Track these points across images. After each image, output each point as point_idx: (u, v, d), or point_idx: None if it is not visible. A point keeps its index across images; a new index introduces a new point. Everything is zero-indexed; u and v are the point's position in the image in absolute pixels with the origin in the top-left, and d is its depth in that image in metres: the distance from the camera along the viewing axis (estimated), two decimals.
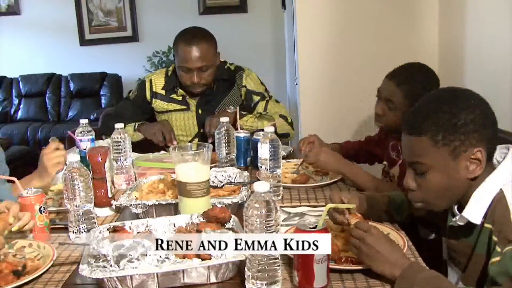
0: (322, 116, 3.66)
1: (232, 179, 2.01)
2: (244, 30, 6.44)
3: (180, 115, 2.84)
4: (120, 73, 6.79)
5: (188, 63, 2.64)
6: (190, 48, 2.64)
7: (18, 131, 6.32)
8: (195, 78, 2.67)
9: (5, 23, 6.81)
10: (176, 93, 2.82)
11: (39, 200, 1.67)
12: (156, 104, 2.86)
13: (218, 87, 2.81)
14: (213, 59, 2.71)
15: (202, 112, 2.81)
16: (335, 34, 3.55)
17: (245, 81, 2.83)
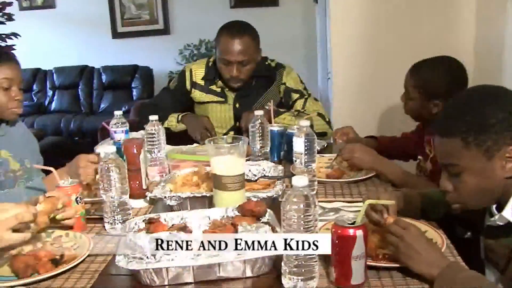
0: (355, 111, 3.62)
1: (266, 173, 2.00)
2: (275, 23, 6.39)
3: (217, 107, 2.83)
4: (151, 65, 6.82)
5: (229, 55, 2.64)
6: (232, 40, 2.63)
7: (52, 122, 6.41)
8: (235, 71, 2.66)
9: (40, 17, 6.90)
10: (216, 84, 2.81)
11: (76, 190, 1.68)
12: (195, 94, 2.86)
13: (257, 83, 2.80)
14: (254, 54, 2.70)
15: (239, 106, 2.80)
16: (369, 28, 3.50)
17: (285, 79, 2.81)
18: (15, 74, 2.10)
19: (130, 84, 6.80)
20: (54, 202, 1.53)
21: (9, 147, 2.16)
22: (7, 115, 2.14)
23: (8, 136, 2.19)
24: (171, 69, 6.62)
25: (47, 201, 1.51)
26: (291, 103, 2.80)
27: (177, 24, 6.85)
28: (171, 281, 1.32)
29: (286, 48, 6.17)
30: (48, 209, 1.49)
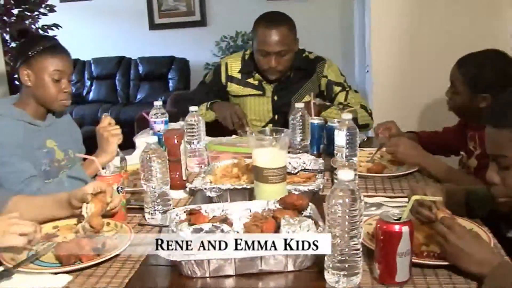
0: (394, 104, 3.57)
1: (306, 166, 1.98)
2: (312, 15, 6.35)
3: (255, 99, 2.81)
4: (188, 57, 6.84)
5: (267, 46, 2.61)
6: (270, 31, 2.61)
7: (90, 112, 6.48)
8: (273, 62, 2.64)
9: (80, 8, 6.98)
10: (253, 77, 2.79)
11: (117, 180, 1.69)
12: (231, 88, 2.84)
13: (295, 75, 2.77)
14: (292, 45, 2.67)
15: (277, 99, 2.78)
16: (410, 20, 3.45)
17: (326, 72, 2.77)
18: (66, 67, 2.14)
19: (167, 75, 6.84)
20: (103, 200, 1.54)
21: (54, 136, 2.19)
22: (56, 107, 2.17)
23: (54, 126, 2.22)
24: (207, 61, 6.63)
25: (96, 201, 1.53)
26: (333, 96, 2.76)
27: (213, 16, 6.85)
28: (212, 273, 1.31)
29: (322, 41, 6.10)
30: (99, 209, 1.52)
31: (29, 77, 2.11)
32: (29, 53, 2.11)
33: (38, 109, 2.17)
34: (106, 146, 2.04)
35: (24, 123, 2.10)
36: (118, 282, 1.32)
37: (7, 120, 2.07)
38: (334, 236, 1.21)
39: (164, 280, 1.39)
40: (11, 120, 2.08)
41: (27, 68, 2.11)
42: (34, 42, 2.15)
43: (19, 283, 1.32)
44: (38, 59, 2.10)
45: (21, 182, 1.96)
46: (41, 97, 2.13)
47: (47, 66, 2.10)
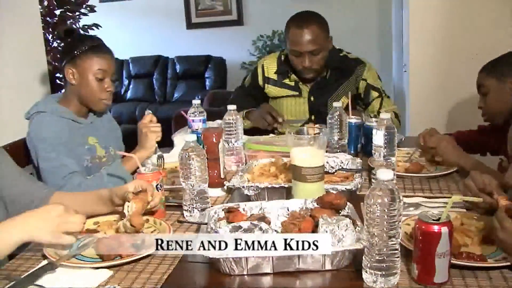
0: (432, 104, 3.53)
1: (344, 165, 1.97)
2: (348, 14, 6.31)
3: (291, 100, 2.82)
4: (224, 56, 6.88)
5: (299, 46, 2.61)
6: (301, 31, 2.61)
7: (127, 110, 6.58)
8: (307, 62, 2.64)
9: (117, 8, 7.09)
10: (289, 78, 2.80)
11: (156, 177, 1.72)
12: (269, 90, 2.86)
13: (332, 75, 2.76)
14: (324, 43, 2.66)
15: (314, 99, 2.78)
16: (448, 19, 3.40)
17: (366, 75, 2.76)
18: (110, 66, 2.19)
19: (203, 74, 6.89)
20: (144, 199, 1.57)
21: (95, 134, 2.25)
22: (97, 106, 2.22)
23: (95, 124, 2.28)
24: (244, 60, 6.66)
25: (138, 200, 1.55)
26: (370, 101, 2.76)
27: (250, 15, 6.87)
28: (250, 271, 1.32)
29: (359, 40, 6.08)
30: (140, 208, 1.54)
31: (73, 76, 2.17)
32: (74, 52, 2.16)
33: (81, 107, 2.22)
34: (144, 141, 2.09)
35: (67, 120, 2.16)
36: (157, 278, 1.34)
37: (51, 117, 2.12)
38: (372, 236, 1.20)
39: (202, 277, 1.40)
40: (55, 117, 2.13)
41: (72, 66, 2.16)
42: (79, 42, 2.20)
43: (62, 277, 1.35)
44: (83, 58, 2.15)
45: (63, 178, 2.01)
46: (84, 95, 2.18)
47: (92, 65, 2.15)
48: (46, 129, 2.10)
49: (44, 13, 3.93)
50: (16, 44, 3.05)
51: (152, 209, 1.65)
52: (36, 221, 1.39)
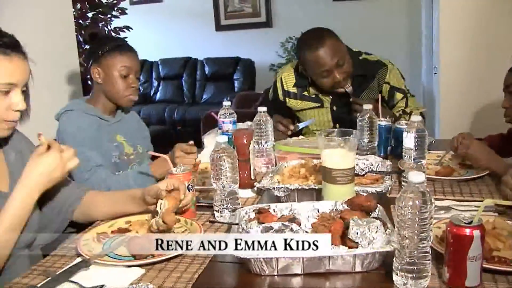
0: (463, 107, 3.51)
1: (374, 168, 1.97)
2: (377, 16, 6.28)
3: (314, 112, 2.79)
4: (253, 58, 6.90)
5: (324, 66, 2.54)
6: (318, 52, 2.53)
7: (156, 111, 6.64)
8: (338, 75, 2.56)
9: (148, 10, 7.17)
10: (308, 91, 2.77)
11: (188, 178, 1.74)
12: (290, 103, 2.83)
13: (353, 82, 2.68)
14: (342, 50, 2.59)
15: (336, 109, 2.76)
16: (480, 21, 3.37)
17: (389, 78, 2.71)
18: (133, 63, 2.25)
19: (232, 76, 6.92)
20: (177, 197, 1.59)
21: (123, 132, 2.30)
22: (123, 102, 2.28)
23: (122, 122, 2.33)
24: (272, 62, 6.67)
25: (171, 198, 1.57)
26: (395, 103, 2.73)
27: (279, 17, 6.88)
28: (280, 271, 1.32)
29: (387, 41, 6.05)
30: (173, 206, 1.56)
31: (99, 75, 2.24)
32: (99, 52, 2.24)
33: (108, 105, 2.28)
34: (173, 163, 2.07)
35: (94, 117, 2.22)
36: (188, 278, 1.35)
37: (78, 114, 2.20)
38: (403, 238, 1.20)
39: (232, 277, 1.41)
40: (82, 114, 2.20)
41: (97, 66, 2.23)
42: (103, 42, 2.29)
43: (95, 274, 1.37)
44: (107, 57, 2.23)
45: (88, 171, 2.06)
46: (110, 92, 2.24)
47: (115, 63, 2.22)
48: (72, 124, 2.17)
49: (77, 16, 4.00)
50: (50, 46, 3.11)
51: (183, 208, 1.67)
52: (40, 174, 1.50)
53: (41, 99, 2.92)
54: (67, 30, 3.34)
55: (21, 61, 1.52)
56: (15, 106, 1.52)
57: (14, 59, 1.50)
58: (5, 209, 1.45)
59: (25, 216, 1.48)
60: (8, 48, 1.49)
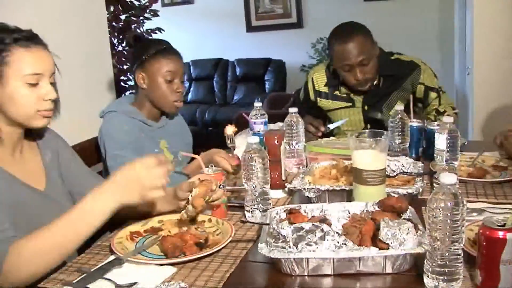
0: (497, 108, 3.45)
1: (405, 169, 1.95)
2: (409, 15, 6.22)
3: (345, 111, 2.79)
4: (284, 59, 6.91)
5: (348, 60, 2.54)
6: (346, 45, 2.53)
7: (188, 112, 6.69)
8: (359, 74, 2.57)
9: (179, 12, 7.24)
10: (339, 91, 2.77)
11: (219, 178, 1.75)
12: (322, 104, 2.84)
13: (384, 82, 2.69)
14: (371, 50, 2.58)
15: (368, 108, 2.75)
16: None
17: (423, 78, 2.69)
18: (178, 67, 2.23)
19: (263, 77, 6.94)
20: (208, 185, 1.61)
21: (167, 138, 2.29)
22: (168, 108, 2.27)
23: (166, 127, 2.32)
24: (303, 63, 6.67)
25: (202, 185, 1.60)
26: (429, 102, 2.72)
27: (310, 18, 6.88)
28: (311, 272, 1.33)
29: (419, 41, 5.99)
30: (203, 192, 1.58)
31: (144, 80, 2.22)
32: (143, 57, 2.21)
33: (152, 110, 2.27)
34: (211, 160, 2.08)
35: (137, 121, 2.21)
36: (219, 277, 1.36)
37: (121, 117, 2.18)
38: (434, 240, 1.20)
39: (262, 276, 1.41)
40: (125, 117, 2.19)
41: (142, 71, 2.22)
42: (147, 46, 2.26)
43: (128, 271, 1.40)
44: (151, 62, 2.20)
45: None
46: (155, 98, 2.23)
47: (160, 68, 2.20)
48: (115, 127, 2.17)
49: (110, 18, 4.06)
50: (85, 48, 3.17)
51: (214, 201, 1.68)
52: (123, 187, 1.46)
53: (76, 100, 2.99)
54: (100, 32, 3.40)
55: (42, 51, 1.55)
56: (46, 95, 1.54)
57: (35, 50, 1.53)
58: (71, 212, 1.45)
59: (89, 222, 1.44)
60: (27, 41, 1.52)
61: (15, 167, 1.58)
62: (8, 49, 1.48)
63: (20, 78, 1.50)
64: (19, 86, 1.50)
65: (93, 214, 1.43)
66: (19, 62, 1.49)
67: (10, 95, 1.50)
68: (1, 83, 1.49)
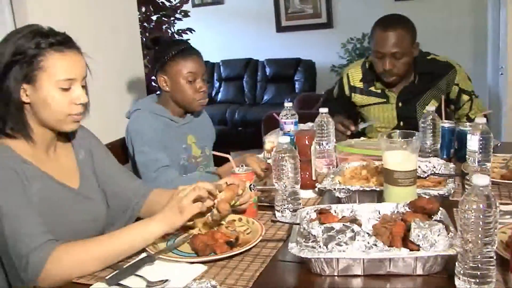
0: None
1: (436, 170, 1.94)
2: (441, 15, 6.15)
3: (379, 107, 2.80)
4: (314, 59, 6.89)
5: (381, 47, 2.57)
6: (385, 33, 2.57)
7: (218, 112, 6.72)
8: (387, 64, 2.59)
9: (210, 13, 7.27)
10: (375, 86, 2.78)
11: (250, 177, 1.76)
12: (356, 99, 2.85)
13: (419, 80, 2.71)
14: (409, 48, 2.59)
15: (402, 105, 2.75)
16: None
17: (458, 79, 2.70)
18: (199, 67, 2.24)
19: (293, 77, 6.93)
20: (235, 190, 1.61)
21: (194, 133, 2.32)
22: (194, 107, 2.30)
23: (192, 123, 2.36)
24: (333, 63, 6.64)
25: (228, 189, 1.60)
26: (461, 105, 2.71)
27: (340, 18, 6.85)
28: (341, 272, 1.33)
29: (451, 41, 5.91)
30: (229, 197, 1.59)
31: (166, 83, 2.25)
32: (163, 59, 2.24)
33: (177, 109, 2.30)
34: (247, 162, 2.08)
35: (164, 118, 2.24)
36: (249, 276, 1.37)
37: (147, 114, 2.22)
38: (466, 242, 1.19)
39: (292, 276, 1.42)
40: (151, 115, 2.23)
41: (163, 74, 2.25)
42: (166, 48, 2.27)
43: (159, 269, 1.41)
44: (171, 64, 2.23)
45: (156, 170, 2.10)
46: (180, 99, 2.26)
47: (181, 70, 2.22)
48: (142, 124, 2.20)
49: (141, 19, 4.11)
50: (117, 49, 3.21)
51: (241, 205, 1.69)
52: (172, 214, 1.50)
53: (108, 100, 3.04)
54: (132, 33, 3.44)
55: (76, 55, 1.57)
56: (77, 99, 1.57)
57: (69, 55, 1.55)
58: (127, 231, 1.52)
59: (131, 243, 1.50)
60: (61, 45, 1.54)
61: (49, 165, 1.61)
62: (43, 54, 1.51)
63: (53, 83, 1.52)
64: (52, 91, 1.53)
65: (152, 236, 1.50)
66: (53, 67, 1.52)
67: (44, 99, 1.53)
68: (35, 87, 1.52)
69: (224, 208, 1.56)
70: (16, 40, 1.51)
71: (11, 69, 1.50)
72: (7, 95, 1.51)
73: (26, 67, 1.50)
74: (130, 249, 1.47)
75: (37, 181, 1.54)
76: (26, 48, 1.50)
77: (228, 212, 1.61)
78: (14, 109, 1.53)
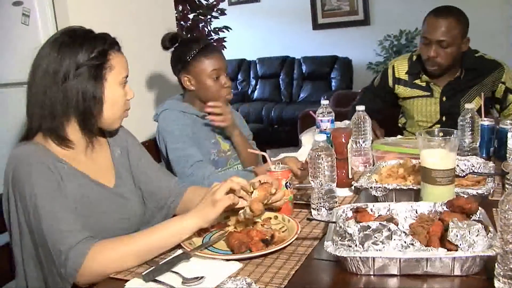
0: None
1: (475, 169, 1.91)
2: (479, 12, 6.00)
3: (422, 101, 2.79)
4: (350, 56, 6.85)
5: (429, 34, 2.59)
6: (436, 19, 2.58)
7: (254, 110, 6.75)
8: (432, 51, 2.59)
9: (246, 11, 7.29)
10: (420, 79, 2.76)
11: (286, 175, 1.76)
12: (399, 91, 2.84)
13: (465, 76, 2.70)
14: (457, 39, 2.59)
15: (446, 100, 2.72)
16: None
17: (505, 78, 2.68)
18: (221, 63, 2.27)
19: (329, 75, 6.91)
20: (268, 189, 1.61)
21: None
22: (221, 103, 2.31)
23: None
24: (370, 60, 6.58)
25: (261, 189, 1.60)
26: (507, 104, 2.69)
27: (377, 15, 6.78)
28: (377, 271, 1.32)
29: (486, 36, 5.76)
30: (262, 197, 1.59)
31: (190, 82, 2.28)
32: (185, 59, 2.25)
33: (203, 105, 2.32)
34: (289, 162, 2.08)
35: (191, 115, 2.27)
36: (284, 274, 1.37)
37: (175, 113, 2.25)
38: (506, 243, 1.16)
39: (328, 274, 1.42)
40: (179, 113, 2.26)
41: (187, 73, 2.27)
42: (187, 48, 2.29)
43: (195, 266, 1.43)
44: (194, 64, 2.25)
45: (190, 166, 2.12)
46: (206, 97, 2.28)
47: (205, 68, 2.24)
48: (172, 122, 2.24)
49: (178, 18, 4.14)
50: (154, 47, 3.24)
51: (275, 203, 1.68)
52: (205, 207, 1.53)
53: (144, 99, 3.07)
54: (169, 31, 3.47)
55: (123, 55, 1.67)
56: (129, 95, 1.68)
57: (122, 55, 1.65)
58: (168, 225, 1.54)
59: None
60: (117, 45, 1.65)
61: (85, 164, 1.64)
62: (110, 54, 1.60)
63: (118, 80, 1.62)
64: (117, 88, 1.62)
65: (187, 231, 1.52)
66: (118, 67, 1.62)
67: (112, 97, 1.61)
68: (104, 87, 1.59)
69: (257, 208, 1.56)
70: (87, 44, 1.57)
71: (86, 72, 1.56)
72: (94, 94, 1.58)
73: (96, 68, 1.57)
74: (166, 245, 1.49)
75: (72, 180, 1.56)
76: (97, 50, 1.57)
77: (262, 213, 1.61)
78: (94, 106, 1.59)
